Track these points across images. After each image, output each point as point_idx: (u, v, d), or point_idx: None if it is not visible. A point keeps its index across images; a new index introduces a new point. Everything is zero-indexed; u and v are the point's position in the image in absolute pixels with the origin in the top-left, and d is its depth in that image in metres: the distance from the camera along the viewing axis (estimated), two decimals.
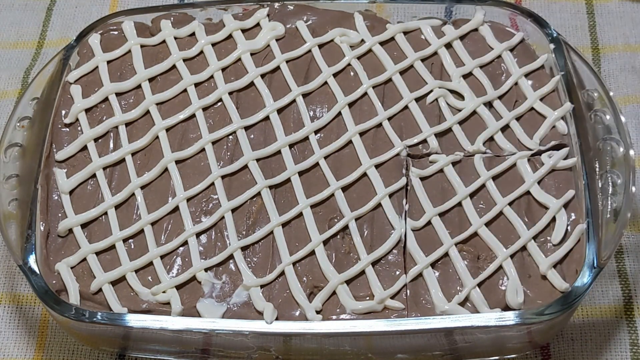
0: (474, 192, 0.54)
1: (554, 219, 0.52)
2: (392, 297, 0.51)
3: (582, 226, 0.51)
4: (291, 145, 0.56)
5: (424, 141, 0.56)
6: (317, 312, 0.50)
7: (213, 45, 0.61)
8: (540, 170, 0.54)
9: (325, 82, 0.59)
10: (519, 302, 0.49)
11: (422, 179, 0.55)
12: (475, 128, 0.57)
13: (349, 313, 0.50)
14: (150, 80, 0.60)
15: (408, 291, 0.51)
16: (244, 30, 0.62)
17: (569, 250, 0.51)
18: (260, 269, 0.52)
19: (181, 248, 0.53)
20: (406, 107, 0.58)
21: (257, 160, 0.56)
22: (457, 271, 0.51)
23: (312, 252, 0.52)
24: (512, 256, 0.51)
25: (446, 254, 0.52)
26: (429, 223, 0.53)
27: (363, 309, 0.50)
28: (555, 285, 0.50)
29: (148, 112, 0.58)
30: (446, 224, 0.53)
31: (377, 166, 0.55)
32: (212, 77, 0.60)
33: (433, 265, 0.51)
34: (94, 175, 0.56)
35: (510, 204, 0.53)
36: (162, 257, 0.53)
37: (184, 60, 0.61)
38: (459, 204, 0.53)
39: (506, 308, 0.50)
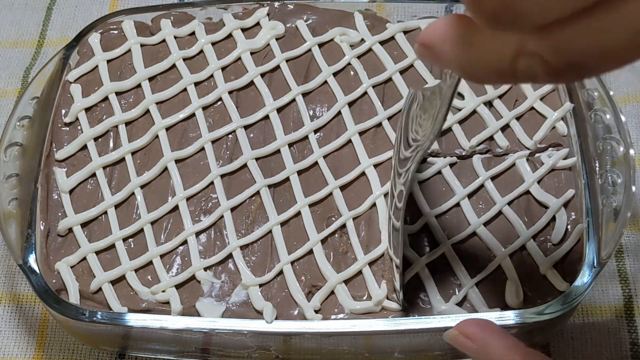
0: (472, 193, 0.54)
1: (553, 219, 0.52)
2: (390, 298, 0.51)
3: (582, 226, 0.51)
4: (290, 145, 0.56)
5: None
6: (316, 312, 0.50)
7: (213, 44, 0.61)
8: (540, 170, 0.54)
9: (325, 82, 0.59)
10: (519, 301, 0.49)
11: (420, 182, 0.54)
12: (475, 127, 0.57)
13: (347, 313, 0.50)
14: (150, 79, 0.60)
15: (406, 292, 0.51)
16: (243, 30, 0.62)
17: (569, 249, 0.51)
18: (259, 268, 0.52)
19: (181, 247, 0.53)
20: None
21: (257, 159, 0.56)
22: (455, 271, 0.51)
23: (310, 251, 0.52)
24: (511, 256, 0.51)
25: (443, 255, 0.51)
26: (426, 225, 0.53)
27: (361, 309, 0.50)
28: (555, 284, 0.50)
29: (148, 111, 0.58)
30: (444, 225, 0.53)
31: (376, 165, 0.55)
32: (212, 76, 0.60)
33: (430, 266, 0.51)
34: (94, 175, 0.56)
35: (509, 203, 0.53)
36: (161, 256, 0.53)
37: (184, 59, 0.61)
38: (457, 204, 0.53)
39: (505, 308, 0.50)
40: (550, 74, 0.30)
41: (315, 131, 0.57)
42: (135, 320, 0.50)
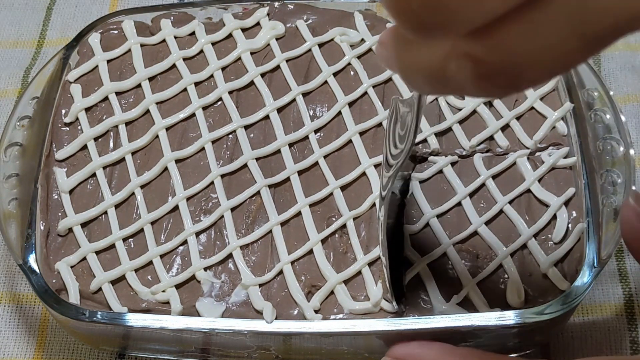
0: (473, 192, 0.54)
1: (554, 217, 0.52)
2: (385, 298, 0.50)
3: (582, 225, 0.51)
4: (291, 145, 0.56)
5: (424, 141, 0.56)
6: (316, 312, 0.50)
7: (213, 44, 0.61)
8: (541, 168, 0.54)
9: (326, 82, 0.59)
10: (520, 301, 0.49)
11: (421, 182, 0.54)
12: (475, 127, 0.57)
13: (346, 313, 0.50)
14: (150, 79, 0.60)
15: (406, 292, 0.51)
16: (244, 30, 0.62)
17: (570, 249, 0.51)
18: (258, 268, 0.52)
19: (181, 247, 0.53)
20: None
21: (257, 159, 0.56)
22: (456, 271, 0.51)
23: (311, 251, 0.52)
24: (512, 255, 0.51)
25: (444, 254, 0.51)
26: (427, 225, 0.53)
27: (360, 310, 0.50)
28: (557, 283, 0.50)
29: (148, 111, 0.58)
30: (445, 225, 0.52)
31: (376, 165, 0.55)
32: (212, 76, 0.60)
33: (431, 265, 0.51)
34: (94, 175, 0.56)
35: (510, 202, 0.53)
36: (161, 256, 0.53)
37: (184, 59, 0.61)
38: (459, 204, 0.53)
39: (507, 307, 0.50)
40: (481, 77, 0.29)
41: (316, 131, 0.57)
42: (135, 320, 0.50)
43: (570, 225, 0.52)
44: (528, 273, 0.51)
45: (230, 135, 0.57)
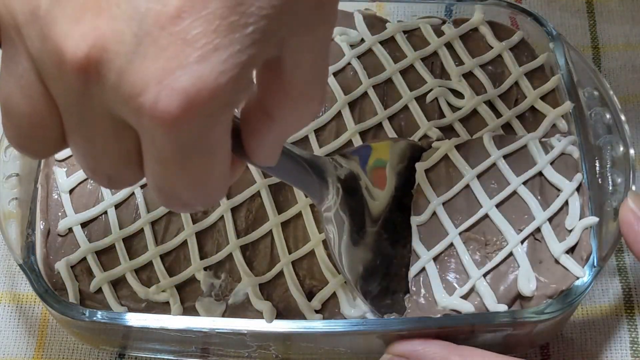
0: (483, 172, 0.52)
1: (566, 203, 0.51)
2: None
3: (593, 218, 0.50)
4: None
5: (425, 136, 0.56)
6: (316, 312, 0.50)
7: None
8: (553, 152, 0.53)
9: None
10: (532, 289, 0.49)
11: (427, 170, 0.53)
12: (475, 126, 0.57)
13: (346, 313, 0.50)
14: None
15: (410, 288, 0.50)
16: None
17: (579, 238, 0.50)
18: (259, 267, 0.52)
19: (181, 247, 0.53)
20: (406, 106, 0.58)
21: None
22: (462, 263, 0.50)
23: (311, 252, 0.52)
24: (522, 241, 0.50)
25: (451, 245, 0.51)
26: (434, 214, 0.52)
27: (360, 311, 0.50)
28: (570, 269, 0.49)
29: None
30: (453, 212, 0.51)
31: None
32: None
33: (437, 258, 0.50)
34: None
35: (524, 183, 0.52)
36: (161, 256, 0.53)
37: None
38: (467, 187, 0.52)
39: (517, 296, 0.49)
40: (163, 204, 0.38)
41: (315, 131, 0.57)
42: (136, 320, 0.50)
43: (580, 213, 0.51)
44: (538, 260, 0.50)
45: None
